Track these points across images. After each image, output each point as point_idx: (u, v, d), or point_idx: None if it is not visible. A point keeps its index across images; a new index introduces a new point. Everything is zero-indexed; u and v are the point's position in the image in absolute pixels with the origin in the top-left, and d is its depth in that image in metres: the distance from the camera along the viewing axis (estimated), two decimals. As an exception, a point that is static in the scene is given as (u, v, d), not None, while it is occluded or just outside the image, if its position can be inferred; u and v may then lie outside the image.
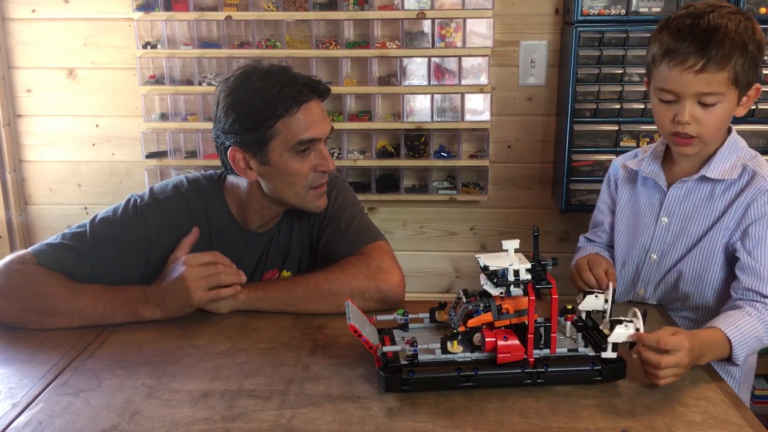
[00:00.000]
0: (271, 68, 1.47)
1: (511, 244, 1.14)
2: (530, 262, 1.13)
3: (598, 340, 1.17)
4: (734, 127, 1.45)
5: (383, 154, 2.63)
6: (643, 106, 2.47)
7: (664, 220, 1.48)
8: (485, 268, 1.14)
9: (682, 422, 1.04)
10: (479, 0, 2.49)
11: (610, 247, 1.62)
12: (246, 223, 1.56)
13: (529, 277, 1.12)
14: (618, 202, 1.59)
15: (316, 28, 2.55)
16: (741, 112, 1.37)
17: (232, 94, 1.44)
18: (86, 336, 1.35)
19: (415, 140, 2.60)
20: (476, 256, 1.17)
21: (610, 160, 2.51)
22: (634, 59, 2.43)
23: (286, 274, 1.63)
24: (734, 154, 1.42)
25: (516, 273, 1.12)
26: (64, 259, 1.42)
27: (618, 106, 2.47)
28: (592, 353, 1.16)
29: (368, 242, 1.55)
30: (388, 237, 1.62)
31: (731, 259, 1.42)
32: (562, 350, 1.16)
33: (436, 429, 1.03)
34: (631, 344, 1.14)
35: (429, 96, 2.56)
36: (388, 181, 2.66)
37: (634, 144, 2.51)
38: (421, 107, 2.58)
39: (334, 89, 2.57)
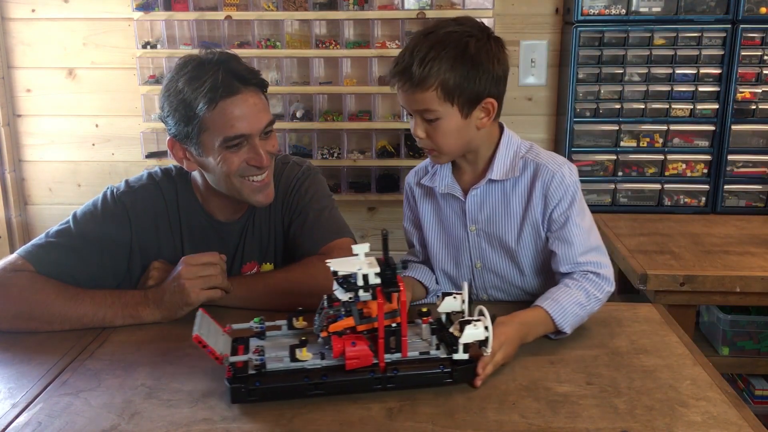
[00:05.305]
0: (207, 59, 1.41)
1: (362, 248, 1.11)
2: (380, 266, 1.11)
3: (451, 342, 1.15)
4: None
5: (383, 153, 2.63)
6: (643, 106, 2.47)
7: (473, 228, 1.49)
8: (334, 274, 1.12)
9: (682, 422, 1.04)
10: (479, 0, 2.49)
11: (426, 261, 1.59)
12: (214, 214, 1.56)
13: (378, 281, 1.10)
14: (422, 218, 1.56)
15: (316, 27, 2.55)
16: (481, 125, 1.38)
17: (167, 85, 1.42)
18: (86, 336, 1.35)
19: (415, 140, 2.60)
20: (327, 261, 1.13)
21: (611, 160, 2.55)
22: (634, 59, 2.43)
23: (267, 266, 1.62)
24: (510, 151, 1.45)
25: (365, 277, 1.10)
26: (54, 257, 1.42)
27: (618, 106, 2.48)
28: (444, 355, 1.14)
29: (332, 239, 1.53)
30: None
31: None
32: (414, 354, 1.14)
33: (436, 429, 1.03)
34: (481, 342, 1.13)
35: (429, 96, 2.56)
36: (388, 181, 2.66)
37: (635, 144, 2.51)
38: (421, 107, 2.58)
39: (335, 89, 2.59)
